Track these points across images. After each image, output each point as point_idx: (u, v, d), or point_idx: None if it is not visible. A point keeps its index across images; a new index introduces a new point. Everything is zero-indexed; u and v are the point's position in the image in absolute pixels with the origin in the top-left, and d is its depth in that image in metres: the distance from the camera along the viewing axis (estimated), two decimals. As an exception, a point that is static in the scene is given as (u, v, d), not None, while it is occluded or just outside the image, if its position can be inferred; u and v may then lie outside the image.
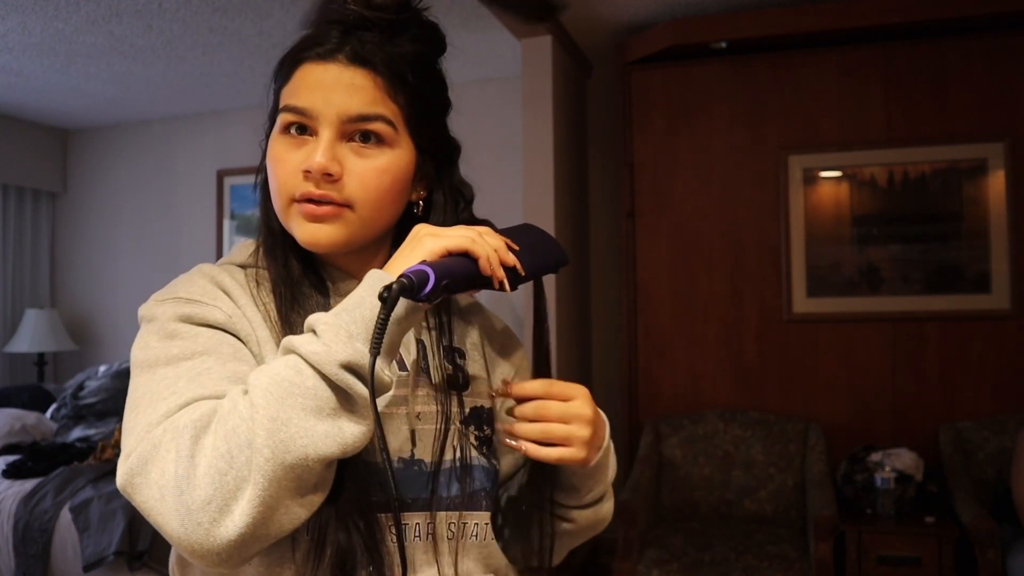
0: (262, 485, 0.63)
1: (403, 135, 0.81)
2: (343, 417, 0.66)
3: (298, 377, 0.65)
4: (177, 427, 0.66)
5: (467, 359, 0.91)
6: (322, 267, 0.85)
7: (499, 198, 3.95)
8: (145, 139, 5.10)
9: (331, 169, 0.77)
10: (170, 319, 0.77)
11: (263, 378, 0.66)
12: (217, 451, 0.64)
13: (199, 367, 0.73)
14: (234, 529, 0.63)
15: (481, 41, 3.67)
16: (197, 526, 0.63)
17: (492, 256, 0.73)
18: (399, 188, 0.82)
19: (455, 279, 0.70)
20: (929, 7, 3.17)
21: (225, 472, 0.63)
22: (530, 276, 0.79)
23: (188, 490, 0.63)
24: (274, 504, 0.64)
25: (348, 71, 0.78)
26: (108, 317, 5.08)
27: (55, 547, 3.01)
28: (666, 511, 3.33)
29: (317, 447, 0.65)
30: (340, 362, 0.65)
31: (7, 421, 3.86)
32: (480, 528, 0.84)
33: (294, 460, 0.64)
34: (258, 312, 0.80)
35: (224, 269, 0.84)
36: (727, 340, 3.53)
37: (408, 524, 0.79)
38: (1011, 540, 2.71)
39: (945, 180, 3.33)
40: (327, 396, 0.66)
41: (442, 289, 0.68)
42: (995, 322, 3.26)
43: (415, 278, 0.67)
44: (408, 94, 0.80)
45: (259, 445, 0.63)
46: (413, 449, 0.81)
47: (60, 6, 3.24)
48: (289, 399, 0.65)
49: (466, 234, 0.72)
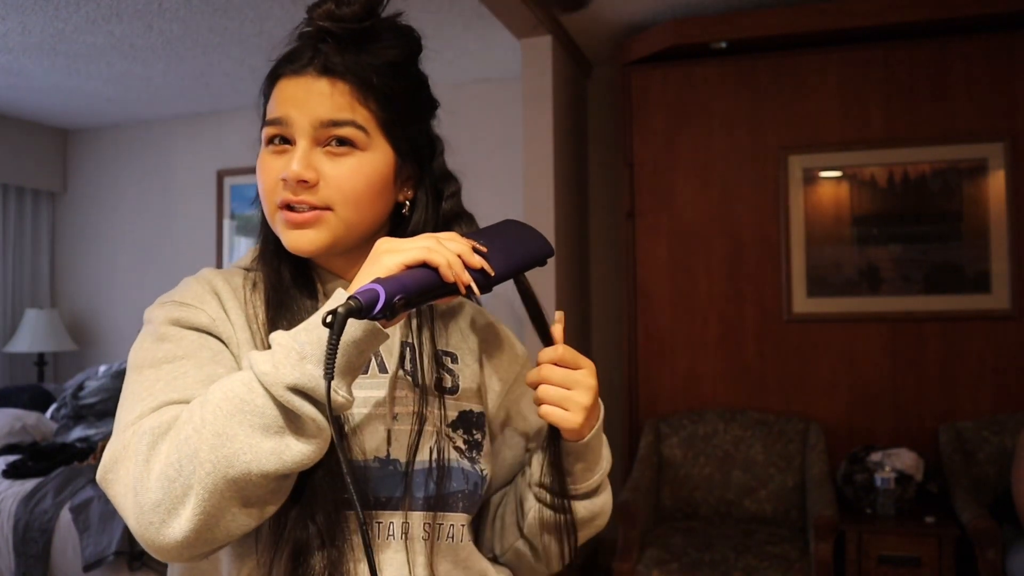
0: (203, 496, 0.67)
1: (377, 139, 0.84)
2: (290, 436, 0.69)
3: (249, 395, 0.68)
4: (141, 431, 0.71)
5: (460, 363, 0.92)
6: (313, 270, 0.89)
7: (499, 198, 3.95)
8: (145, 139, 5.10)
9: (305, 176, 0.81)
10: (162, 322, 0.82)
11: (218, 392, 0.70)
12: (169, 458, 0.68)
13: (177, 371, 0.77)
14: (180, 532, 0.68)
15: (481, 41, 3.67)
16: (149, 525, 0.68)
17: (454, 261, 0.73)
18: (376, 190, 0.84)
19: (413, 292, 0.70)
20: (929, 7, 3.17)
21: (174, 479, 0.67)
22: (504, 276, 0.79)
23: (142, 492, 0.68)
24: (217, 513, 0.68)
25: (319, 82, 0.82)
26: (108, 317, 5.08)
27: (55, 547, 3.01)
28: (666, 511, 3.33)
29: (260, 463, 0.67)
30: (287, 384, 0.67)
31: (7, 421, 3.86)
32: (456, 530, 0.86)
33: (237, 474, 0.67)
34: (243, 315, 0.84)
35: (224, 273, 0.89)
36: (727, 340, 3.53)
37: (382, 523, 0.81)
38: (1011, 540, 2.71)
39: (945, 180, 3.33)
40: (274, 415, 0.68)
41: (398, 305, 0.68)
42: (995, 322, 3.26)
43: (362, 299, 0.66)
44: (379, 99, 0.83)
45: (202, 458, 0.67)
46: (389, 448, 0.83)
47: (60, 6, 3.24)
48: (238, 415, 0.68)
49: (423, 244, 0.72)
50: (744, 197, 3.54)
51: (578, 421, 0.83)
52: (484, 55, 3.87)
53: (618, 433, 3.70)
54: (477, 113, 4.13)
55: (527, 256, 0.83)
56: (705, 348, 3.55)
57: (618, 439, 3.67)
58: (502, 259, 0.79)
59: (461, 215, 0.94)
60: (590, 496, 0.92)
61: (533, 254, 0.84)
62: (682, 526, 3.16)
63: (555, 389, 0.83)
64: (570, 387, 0.83)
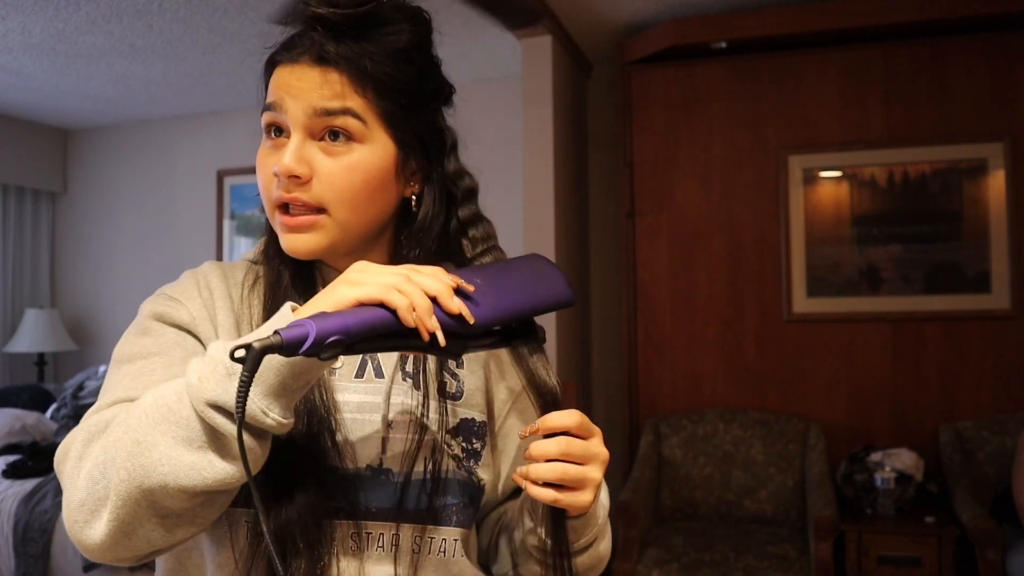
0: (116, 503, 0.65)
1: (376, 130, 0.79)
2: (212, 453, 0.64)
3: (177, 404, 0.64)
4: (86, 427, 0.70)
5: (465, 368, 0.88)
6: (317, 268, 0.86)
7: (499, 198, 3.94)
8: (145, 139, 5.10)
9: (297, 171, 0.77)
10: (147, 316, 0.81)
11: (149, 398, 0.66)
12: (96, 460, 0.67)
13: (146, 368, 0.76)
14: (98, 535, 0.66)
15: (481, 41, 3.67)
16: (74, 523, 0.67)
17: (420, 304, 0.63)
18: (375, 187, 0.80)
19: (357, 336, 0.61)
20: (929, 7, 3.17)
21: (97, 481, 0.66)
22: (489, 324, 0.67)
23: (71, 488, 0.68)
24: (132, 521, 0.66)
25: (313, 70, 0.78)
26: (108, 317, 5.08)
27: (55, 547, 3.01)
28: (666, 511, 3.33)
29: (178, 477, 0.63)
30: (207, 400, 0.62)
31: (7, 421, 3.86)
32: (448, 544, 0.81)
33: (153, 485, 0.64)
34: (231, 315, 0.81)
35: (227, 266, 0.87)
36: (727, 340, 3.53)
37: (371, 534, 0.78)
38: (1011, 540, 2.71)
39: (945, 180, 3.33)
40: (198, 429, 0.64)
41: (333, 348, 0.60)
42: (995, 322, 3.26)
43: (286, 336, 0.59)
44: (377, 88, 0.79)
45: (119, 465, 0.64)
46: (383, 457, 0.79)
47: (60, 6, 3.24)
48: (163, 424, 0.64)
49: (387, 281, 0.63)
50: (744, 197, 3.53)
51: (590, 500, 0.72)
52: (484, 55, 3.87)
53: (618, 433, 3.70)
54: (477, 113, 4.11)
55: (531, 301, 0.70)
56: (705, 348, 3.55)
57: (618, 439, 3.67)
58: (493, 303, 0.67)
59: (478, 220, 0.88)
60: (587, 549, 0.83)
61: (540, 299, 0.71)
62: (682, 526, 3.16)
63: (573, 468, 0.70)
64: (586, 462, 0.71)
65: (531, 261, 0.75)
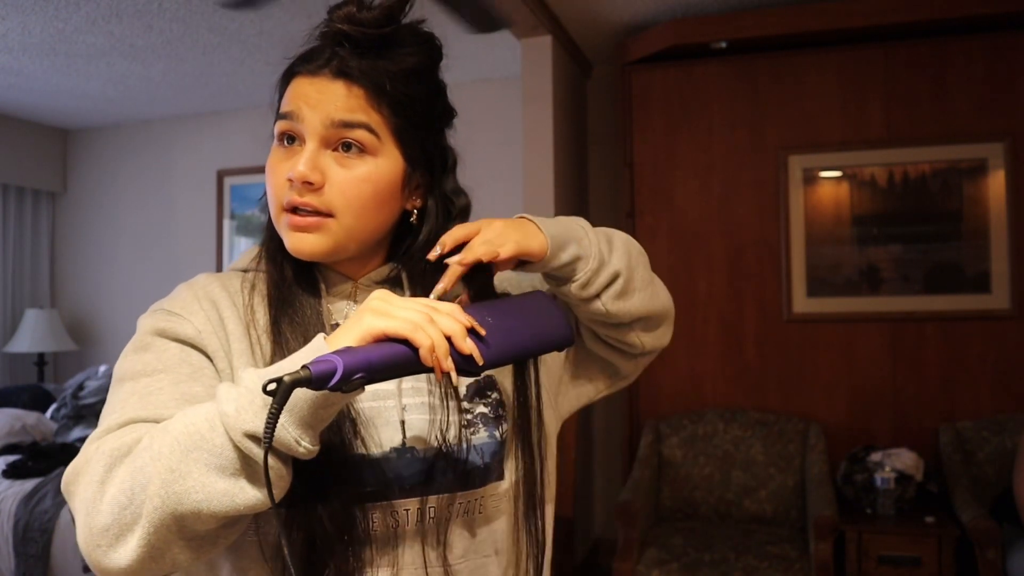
0: (148, 529, 0.67)
1: (388, 145, 0.83)
2: (244, 480, 0.67)
3: (210, 432, 0.67)
4: (103, 450, 0.71)
5: None
6: (318, 270, 0.88)
7: (499, 198, 3.95)
8: (145, 139, 5.10)
9: (311, 178, 0.80)
10: (147, 332, 0.82)
11: (179, 424, 0.68)
12: (122, 485, 0.68)
13: (153, 386, 0.77)
14: (125, 560, 0.68)
15: (481, 41, 3.66)
16: (96, 547, 0.68)
17: (439, 345, 0.67)
18: (382, 198, 0.84)
19: (379, 371, 0.65)
20: (929, 7, 3.17)
21: (125, 507, 0.67)
22: (494, 365, 0.72)
23: (93, 513, 0.68)
24: (162, 546, 0.68)
25: (333, 84, 0.82)
26: (108, 317, 5.08)
27: (55, 547, 3.01)
28: (666, 511, 3.33)
29: (211, 504, 0.66)
30: (245, 431, 0.65)
31: (7, 421, 3.86)
32: (473, 504, 0.84)
33: (186, 511, 0.66)
34: (241, 323, 0.83)
35: (222, 277, 0.88)
36: (727, 340, 3.53)
37: (409, 510, 0.81)
38: (1011, 540, 2.71)
39: (945, 180, 3.33)
40: (232, 457, 0.66)
41: (357, 382, 0.63)
42: (995, 322, 3.26)
43: (315, 371, 0.62)
44: (393, 105, 0.83)
45: (151, 492, 0.66)
46: (404, 439, 0.82)
47: (60, 6, 3.24)
48: (195, 452, 0.66)
49: (413, 319, 0.68)
50: (744, 197, 3.53)
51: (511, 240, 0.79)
52: (484, 55, 3.87)
53: (618, 433, 3.70)
54: (477, 113, 4.13)
55: (534, 344, 0.75)
56: (705, 348, 3.55)
57: (618, 439, 3.68)
58: (501, 345, 0.71)
59: None
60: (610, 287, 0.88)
61: (542, 342, 0.76)
62: (682, 526, 3.16)
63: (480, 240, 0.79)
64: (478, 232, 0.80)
65: (536, 300, 0.80)
